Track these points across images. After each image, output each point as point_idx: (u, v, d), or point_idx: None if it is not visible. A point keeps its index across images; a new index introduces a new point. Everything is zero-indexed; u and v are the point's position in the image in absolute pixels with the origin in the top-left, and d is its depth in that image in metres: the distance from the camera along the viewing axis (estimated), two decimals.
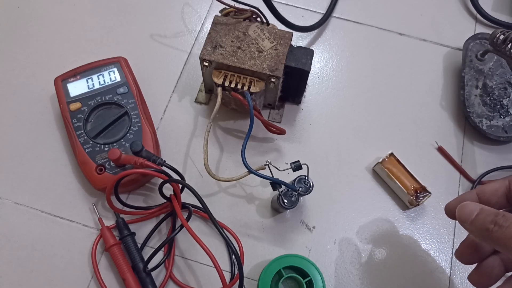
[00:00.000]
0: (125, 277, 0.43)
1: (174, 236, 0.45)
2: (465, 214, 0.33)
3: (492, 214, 0.31)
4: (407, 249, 0.48)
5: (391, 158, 0.49)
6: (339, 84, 0.56)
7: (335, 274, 0.46)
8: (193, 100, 0.54)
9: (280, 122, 0.53)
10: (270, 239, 0.47)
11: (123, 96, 0.49)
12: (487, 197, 0.36)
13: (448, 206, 0.37)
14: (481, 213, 0.32)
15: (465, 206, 0.33)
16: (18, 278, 0.45)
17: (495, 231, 0.31)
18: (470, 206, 0.33)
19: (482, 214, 0.32)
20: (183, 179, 0.45)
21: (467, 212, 0.33)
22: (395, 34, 0.59)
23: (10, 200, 0.48)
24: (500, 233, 0.30)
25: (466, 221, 0.33)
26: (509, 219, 0.30)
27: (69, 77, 0.49)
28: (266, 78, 0.45)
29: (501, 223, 0.30)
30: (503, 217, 0.31)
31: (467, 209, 0.33)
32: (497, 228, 0.30)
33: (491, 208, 0.32)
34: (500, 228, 0.30)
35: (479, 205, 0.33)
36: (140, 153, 0.43)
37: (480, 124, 0.51)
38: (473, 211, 0.33)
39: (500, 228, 0.30)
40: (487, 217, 0.31)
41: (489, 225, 0.31)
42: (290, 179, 0.45)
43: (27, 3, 0.59)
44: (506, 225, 0.30)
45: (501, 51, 0.49)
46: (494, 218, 0.31)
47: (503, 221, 0.30)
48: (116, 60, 0.51)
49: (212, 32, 0.47)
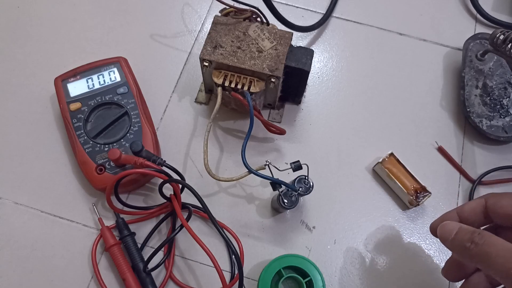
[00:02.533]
0: (125, 277, 0.43)
1: (174, 236, 0.45)
2: (445, 233, 0.34)
3: (469, 232, 0.32)
4: (407, 249, 0.48)
5: (391, 158, 0.49)
6: (339, 84, 0.56)
7: (335, 274, 0.46)
8: (193, 100, 0.54)
9: (280, 122, 0.53)
10: (270, 239, 0.47)
11: (123, 96, 0.49)
12: (466, 216, 0.37)
13: (432, 225, 0.39)
14: (459, 231, 0.33)
15: (445, 226, 0.35)
16: (18, 278, 0.45)
17: (471, 249, 0.31)
18: (450, 226, 0.34)
19: (460, 232, 0.33)
20: (183, 179, 0.45)
21: (447, 231, 0.34)
22: (395, 34, 0.59)
23: (10, 200, 0.48)
24: (476, 251, 0.31)
25: (447, 239, 0.34)
26: (484, 237, 0.31)
27: (69, 77, 0.49)
28: (266, 78, 0.45)
29: (477, 240, 0.31)
30: (478, 235, 0.32)
31: (447, 228, 0.34)
32: (473, 245, 0.31)
33: (468, 227, 0.33)
34: (476, 245, 0.31)
35: (458, 224, 0.34)
36: (140, 153, 0.43)
37: (480, 124, 0.51)
38: (452, 230, 0.34)
39: (476, 246, 0.31)
40: (465, 236, 0.32)
41: (466, 243, 0.32)
42: (290, 179, 0.45)
43: (27, 3, 0.59)
44: (481, 242, 0.31)
45: (501, 51, 0.49)
46: (471, 236, 0.32)
47: (479, 239, 0.31)
48: (116, 60, 0.51)
49: (212, 32, 0.47)
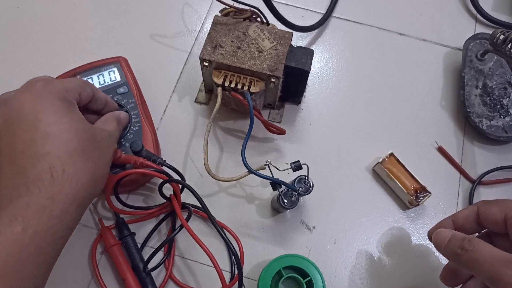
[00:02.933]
0: (125, 277, 0.43)
1: (174, 236, 0.45)
2: (439, 240, 0.36)
3: (460, 239, 0.34)
4: (407, 249, 0.48)
5: (391, 158, 0.49)
6: (339, 84, 0.56)
7: (335, 274, 0.46)
8: (193, 100, 0.54)
9: (280, 122, 0.53)
10: (270, 239, 0.47)
11: (123, 96, 0.49)
12: (460, 223, 0.38)
13: (428, 232, 0.40)
14: (451, 238, 0.35)
15: (439, 233, 0.36)
16: None
17: (462, 255, 0.33)
18: (443, 233, 0.36)
19: (452, 239, 0.35)
20: (183, 179, 0.45)
21: (441, 238, 0.36)
22: (395, 34, 0.59)
23: None
24: (466, 257, 0.33)
25: (441, 246, 0.36)
26: (473, 243, 0.33)
27: (68, 78, 0.49)
28: (266, 78, 0.45)
29: (466, 247, 0.33)
30: (468, 241, 0.33)
31: (441, 236, 0.36)
32: (463, 252, 0.33)
33: (460, 234, 0.35)
34: (466, 252, 0.33)
35: (451, 231, 0.36)
36: (140, 152, 0.43)
37: (480, 124, 0.51)
38: (445, 238, 0.35)
39: (466, 252, 0.33)
40: (456, 242, 0.34)
41: (457, 249, 0.33)
42: (290, 179, 0.45)
43: (27, 3, 0.59)
44: (470, 249, 0.32)
45: (501, 51, 0.49)
46: (461, 243, 0.33)
47: (468, 245, 0.33)
48: (116, 60, 0.51)
49: (212, 32, 0.47)
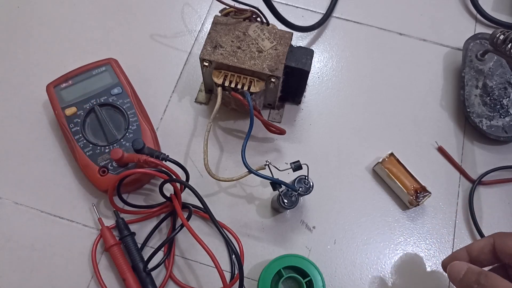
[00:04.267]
0: (125, 277, 0.43)
1: (174, 235, 0.45)
2: (455, 273, 0.36)
3: (476, 273, 0.34)
4: (407, 249, 0.48)
5: (391, 158, 0.49)
6: (339, 84, 0.56)
7: (335, 274, 0.46)
8: (193, 100, 0.54)
9: (280, 122, 0.53)
10: (270, 239, 0.47)
11: (118, 97, 0.49)
12: (475, 255, 0.38)
13: (443, 263, 0.40)
14: (467, 272, 0.35)
15: (454, 266, 0.36)
16: (18, 278, 0.45)
17: None
18: (459, 266, 0.36)
19: (468, 273, 0.35)
20: (187, 175, 0.45)
21: (456, 271, 0.36)
22: (395, 34, 0.59)
23: (10, 200, 0.48)
24: None
25: (456, 279, 0.36)
26: (490, 279, 0.33)
27: (61, 83, 0.49)
28: (266, 78, 0.45)
29: (482, 282, 0.33)
30: (485, 276, 0.33)
31: (456, 269, 0.36)
32: (479, 287, 0.33)
33: (476, 268, 0.35)
34: (481, 287, 0.33)
35: (466, 264, 0.36)
36: (142, 150, 0.43)
37: (480, 124, 0.51)
38: (461, 271, 0.35)
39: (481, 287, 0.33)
40: (472, 277, 0.34)
41: (473, 284, 0.33)
42: (290, 179, 0.45)
43: (27, 3, 0.59)
44: (487, 284, 0.32)
45: (501, 51, 0.49)
46: (477, 277, 0.33)
47: (485, 281, 0.33)
48: (106, 62, 0.51)
49: (212, 32, 0.47)
